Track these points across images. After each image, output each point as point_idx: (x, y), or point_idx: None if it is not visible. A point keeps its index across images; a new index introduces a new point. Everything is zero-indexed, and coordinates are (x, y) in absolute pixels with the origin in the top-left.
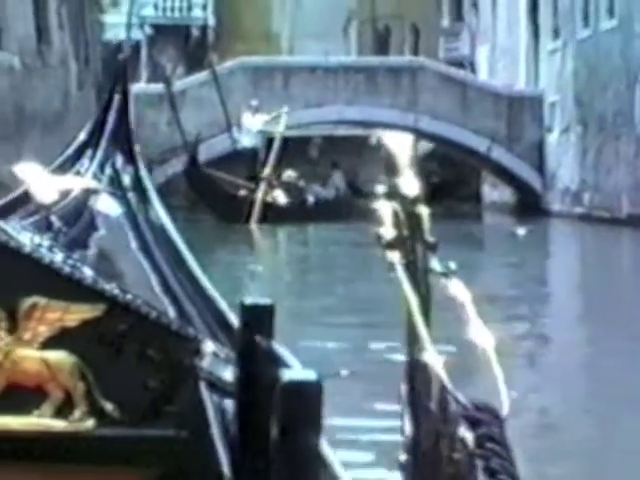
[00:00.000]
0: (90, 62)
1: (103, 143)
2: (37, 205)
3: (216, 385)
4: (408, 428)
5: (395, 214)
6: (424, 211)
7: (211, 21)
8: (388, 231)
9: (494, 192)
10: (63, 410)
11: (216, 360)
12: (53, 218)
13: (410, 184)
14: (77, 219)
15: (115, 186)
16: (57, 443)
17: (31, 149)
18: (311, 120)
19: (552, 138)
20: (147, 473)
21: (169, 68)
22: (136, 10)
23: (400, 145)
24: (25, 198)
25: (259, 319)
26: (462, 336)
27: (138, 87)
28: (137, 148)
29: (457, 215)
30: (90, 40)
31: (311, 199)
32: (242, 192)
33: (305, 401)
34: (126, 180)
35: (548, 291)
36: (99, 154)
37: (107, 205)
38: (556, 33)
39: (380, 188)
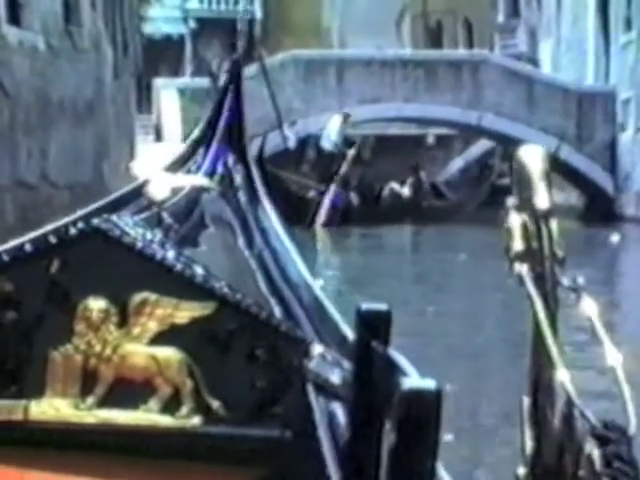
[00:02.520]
0: (129, 50)
1: (215, 141)
2: (149, 201)
3: (324, 387)
4: (529, 442)
5: (524, 226)
6: (554, 224)
7: (258, 14)
8: (517, 243)
9: (559, 195)
10: (170, 406)
11: (324, 362)
12: (164, 215)
13: (542, 197)
14: (188, 217)
15: (226, 185)
16: (163, 439)
17: (58, 144)
18: (367, 117)
19: (626, 137)
20: (251, 473)
21: (215, 64)
22: (180, 3)
23: (532, 156)
24: (137, 193)
25: (375, 324)
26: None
27: (182, 81)
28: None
29: None
30: (128, 27)
31: (386, 200)
32: (311, 193)
33: (424, 410)
34: (237, 179)
35: None
36: (211, 152)
37: (217, 204)
38: (629, 24)
39: (510, 200)
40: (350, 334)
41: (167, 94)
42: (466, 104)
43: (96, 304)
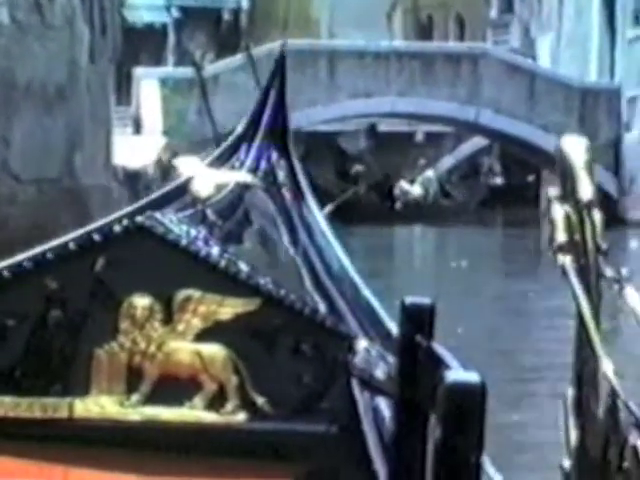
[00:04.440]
0: (107, 32)
1: (259, 137)
2: (193, 198)
3: (368, 382)
4: (573, 433)
5: (567, 218)
6: (597, 216)
7: (244, 4)
8: (560, 234)
9: None
10: (215, 403)
11: (369, 357)
12: (208, 211)
13: (585, 188)
14: (232, 213)
15: (270, 181)
16: (208, 435)
17: (23, 132)
18: (359, 112)
19: (631, 137)
20: (297, 468)
21: (198, 55)
22: None
23: (575, 148)
24: (181, 190)
25: (419, 318)
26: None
27: (164, 71)
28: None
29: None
30: (107, 6)
31: (400, 203)
32: None
33: (469, 403)
34: (281, 175)
35: None
36: (254, 148)
37: (261, 200)
38: (637, 18)
39: (553, 191)
40: (394, 329)
41: (147, 84)
42: (464, 99)
43: (141, 301)
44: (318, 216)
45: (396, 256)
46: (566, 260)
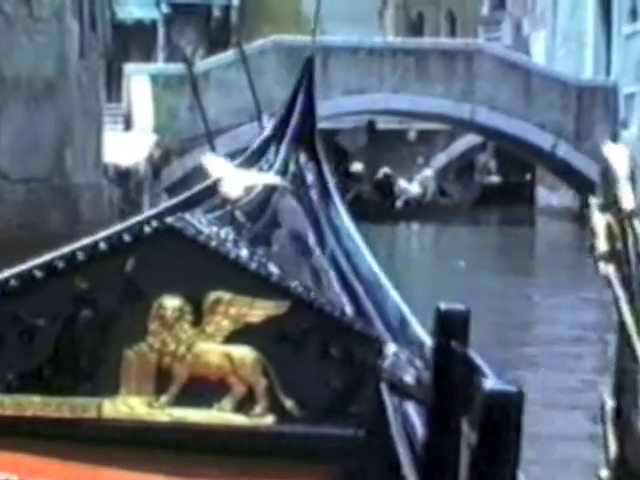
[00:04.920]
0: (97, 26)
1: (287, 139)
2: (222, 199)
3: (397, 387)
4: (612, 444)
5: (609, 227)
6: (639, 225)
7: (235, 0)
8: (602, 243)
9: (552, 195)
10: (244, 405)
11: (398, 361)
12: (237, 213)
13: (627, 198)
14: (260, 215)
15: (298, 183)
16: (236, 438)
17: (11, 129)
18: (352, 109)
19: (629, 135)
20: (325, 471)
21: (188, 51)
22: None
23: (618, 157)
24: (210, 191)
25: (454, 325)
26: None
27: (155, 67)
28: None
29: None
30: (97, 0)
31: (400, 201)
32: None
33: (506, 412)
34: (309, 177)
35: None
36: (283, 150)
37: (290, 202)
38: (634, 14)
39: (594, 199)
40: (423, 333)
41: (138, 81)
42: (459, 97)
43: (170, 302)
44: (346, 219)
45: (397, 254)
46: (609, 269)
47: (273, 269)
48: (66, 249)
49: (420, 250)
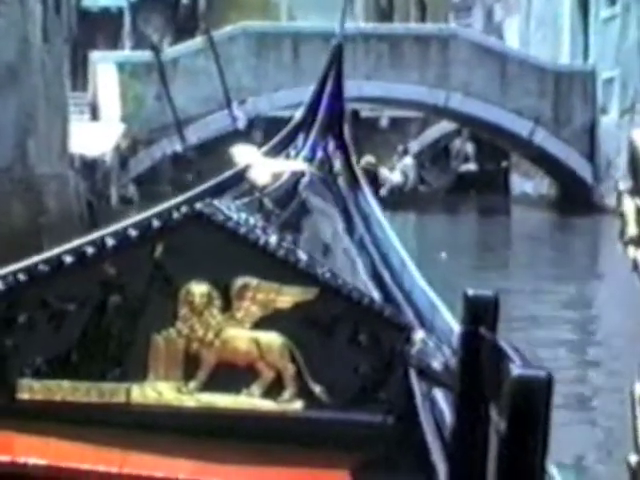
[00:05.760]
0: (62, 9)
1: (315, 127)
2: (251, 186)
3: (426, 373)
4: None
5: (638, 211)
6: None
7: None
8: (631, 228)
9: (527, 182)
10: (272, 391)
11: (426, 348)
12: (265, 200)
13: None
14: (288, 202)
15: (326, 170)
16: (264, 423)
17: None
18: None
19: (608, 120)
20: (354, 457)
21: (156, 39)
22: None
23: None
24: (238, 178)
25: (482, 310)
26: None
27: (121, 55)
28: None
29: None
30: None
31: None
32: None
33: (535, 398)
34: (336, 165)
35: None
36: (311, 138)
37: (318, 189)
38: None
39: (624, 184)
40: (451, 319)
41: (104, 69)
42: (433, 83)
43: (199, 288)
44: (374, 206)
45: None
46: (638, 254)
47: (302, 255)
48: (95, 235)
49: (411, 240)
